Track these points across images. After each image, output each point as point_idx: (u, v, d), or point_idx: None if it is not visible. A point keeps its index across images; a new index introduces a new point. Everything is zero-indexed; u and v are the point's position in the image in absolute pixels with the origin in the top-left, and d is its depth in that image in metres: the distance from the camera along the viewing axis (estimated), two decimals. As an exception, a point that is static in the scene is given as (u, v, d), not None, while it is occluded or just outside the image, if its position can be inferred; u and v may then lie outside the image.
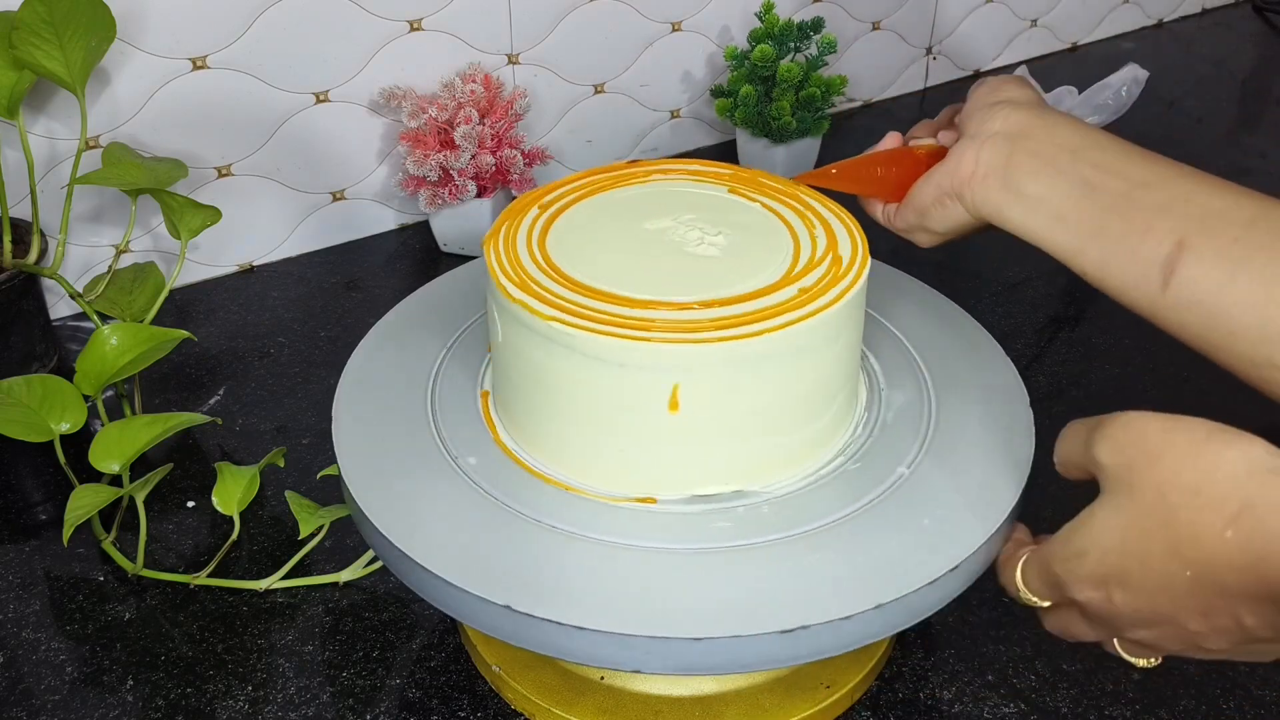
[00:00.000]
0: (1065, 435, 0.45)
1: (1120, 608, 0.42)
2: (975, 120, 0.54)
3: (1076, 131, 0.52)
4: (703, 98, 1.09)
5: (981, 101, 0.55)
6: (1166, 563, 0.39)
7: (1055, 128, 0.52)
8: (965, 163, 0.54)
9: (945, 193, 0.55)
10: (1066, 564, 0.43)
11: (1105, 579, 0.42)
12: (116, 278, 0.77)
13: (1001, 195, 0.53)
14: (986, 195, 0.53)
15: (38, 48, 0.69)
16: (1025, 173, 0.52)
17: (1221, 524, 0.38)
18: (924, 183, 0.56)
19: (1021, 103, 0.54)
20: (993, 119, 0.54)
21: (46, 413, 0.65)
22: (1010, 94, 0.55)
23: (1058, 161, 0.51)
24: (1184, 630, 0.41)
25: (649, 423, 0.48)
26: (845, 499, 0.50)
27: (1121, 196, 0.49)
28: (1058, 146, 0.51)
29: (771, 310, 0.48)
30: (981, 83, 0.57)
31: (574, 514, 0.49)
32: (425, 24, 0.90)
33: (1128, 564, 0.41)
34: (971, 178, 0.53)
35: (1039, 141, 0.52)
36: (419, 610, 0.61)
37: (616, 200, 0.57)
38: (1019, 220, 0.52)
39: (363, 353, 0.59)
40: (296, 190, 0.91)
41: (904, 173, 0.57)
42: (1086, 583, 0.42)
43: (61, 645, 0.59)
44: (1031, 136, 0.52)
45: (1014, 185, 0.52)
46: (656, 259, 0.52)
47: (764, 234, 0.54)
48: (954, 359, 0.58)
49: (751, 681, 0.54)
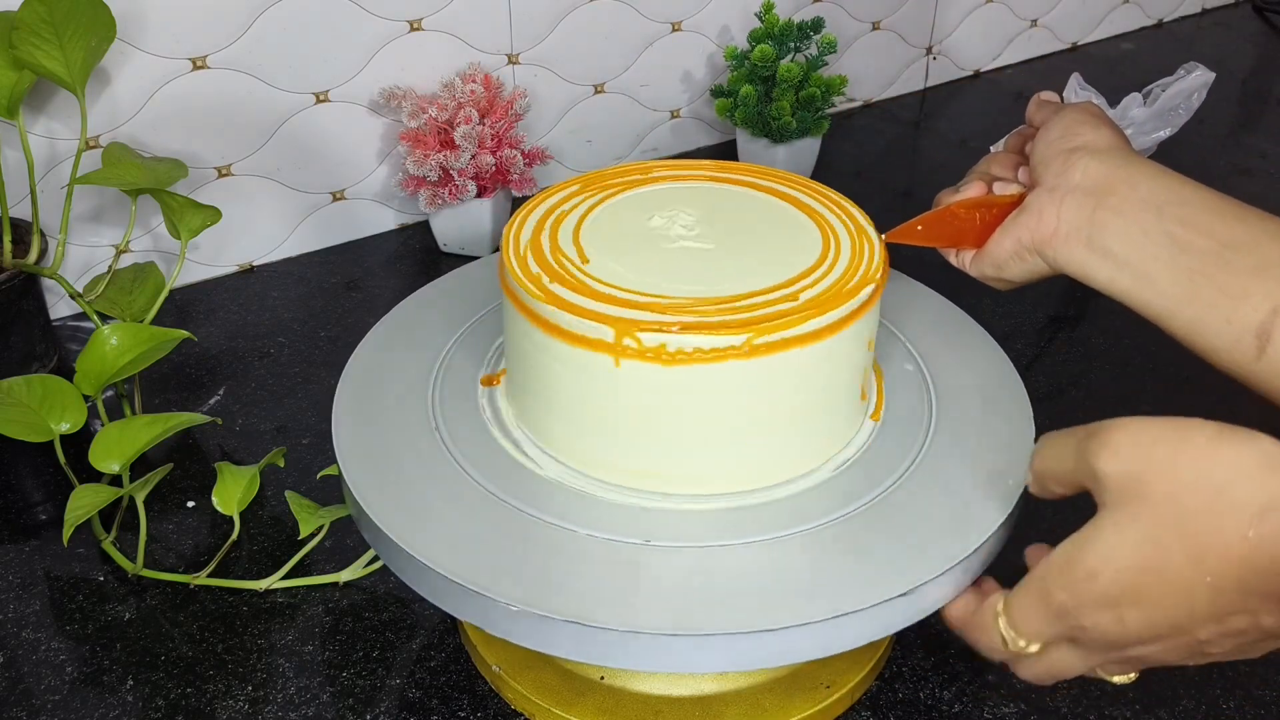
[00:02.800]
0: (1045, 448, 0.43)
1: (1131, 627, 0.40)
2: (1053, 170, 0.52)
3: (1160, 184, 0.50)
4: (703, 98, 1.09)
5: (1057, 147, 0.53)
6: (1186, 573, 0.38)
7: (1138, 182, 0.50)
8: (1046, 220, 0.52)
9: (1025, 247, 0.53)
10: (1074, 589, 0.40)
11: (1118, 599, 0.40)
12: (116, 278, 0.77)
13: (1086, 255, 0.51)
14: (1070, 255, 0.51)
15: (38, 48, 0.69)
16: (1110, 232, 0.50)
17: (1243, 525, 0.37)
18: (1002, 235, 0.54)
19: (1100, 150, 0.52)
20: (1071, 170, 0.51)
21: (46, 413, 0.65)
22: (1087, 138, 0.52)
23: (1143, 220, 0.49)
24: (1192, 640, 0.40)
25: (657, 421, 0.48)
26: (849, 497, 0.50)
27: (1212, 258, 0.47)
28: (1142, 203, 0.49)
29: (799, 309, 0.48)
30: (1056, 118, 0.54)
31: (576, 512, 0.49)
32: (425, 24, 0.90)
33: (1144, 580, 0.39)
34: (1054, 236, 0.51)
35: (1122, 198, 0.50)
36: (419, 610, 0.61)
37: (634, 199, 0.57)
38: (1105, 280, 0.51)
39: (363, 353, 0.59)
40: (296, 190, 0.91)
41: (984, 222, 0.55)
42: (1097, 605, 0.40)
43: (61, 645, 0.59)
44: (1114, 192, 0.50)
45: (1098, 245, 0.50)
46: (681, 256, 0.52)
47: (789, 228, 0.54)
48: (954, 359, 0.58)
49: (751, 681, 0.54)
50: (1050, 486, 0.44)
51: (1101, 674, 0.44)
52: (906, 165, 1.12)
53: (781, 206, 0.56)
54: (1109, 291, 0.51)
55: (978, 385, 0.57)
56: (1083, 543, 0.40)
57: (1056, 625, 0.42)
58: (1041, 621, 0.42)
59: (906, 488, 0.51)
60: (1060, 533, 0.42)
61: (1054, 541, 0.42)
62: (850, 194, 0.58)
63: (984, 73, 1.30)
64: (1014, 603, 0.43)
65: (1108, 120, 0.54)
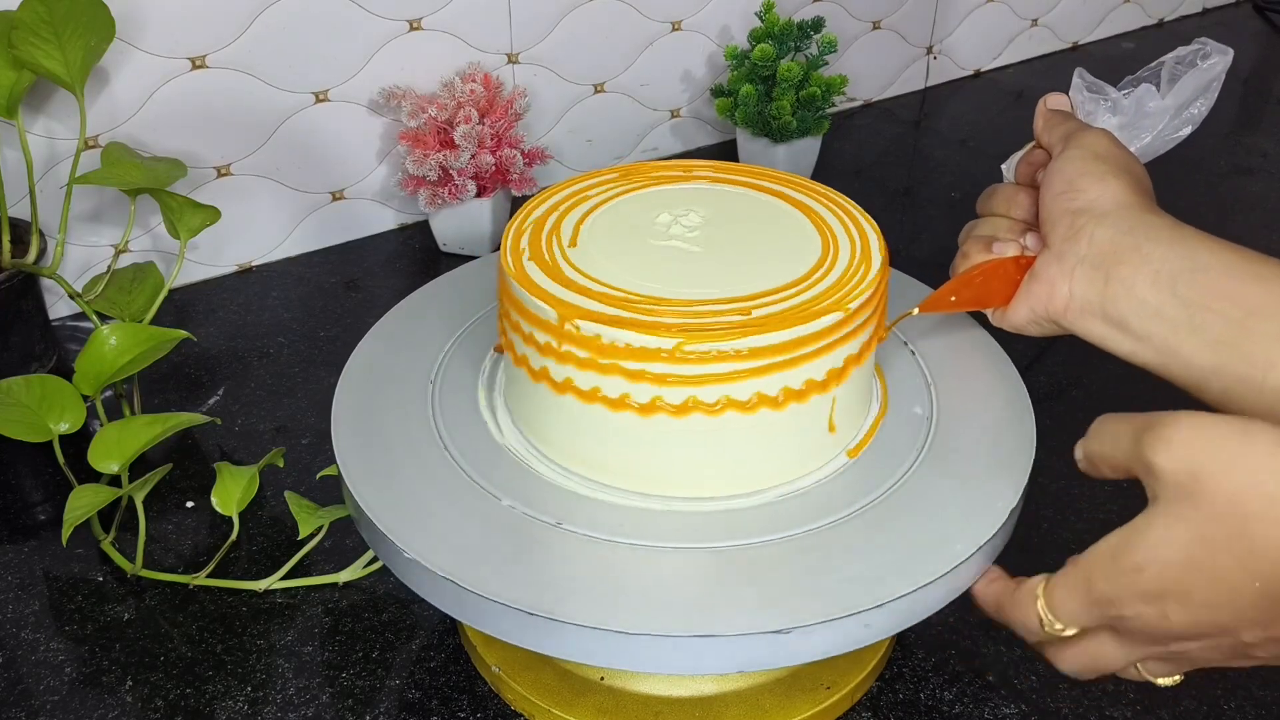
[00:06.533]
0: (1101, 431, 0.42)
1: (1174, 622, 0.39)
2: (1059, 233, 0.50)
3: (1174, 251, 0.47)
4: (703, 97, 1.09)
5: (1062, 206, 0.51)
6: (1235, 575, 0.38)
7: (1148, 251, 0.47)
8: (1059, 292, 0.50)
9: (1040, 317, 0.52)
10: (1118, 580, 0.40)
11: (1163, 594, 0.39)
12: (116, 278, 0.77)
13: (1104, 329, 0.49)
14: (1088, 329, 0.50)
15: (37, 47, 0.69)
16: (1124, 307, 0.48)
17: None
18: (1018, 302, 0.53)
19: (1106, 213, 0.49)
20: (1079, 238, 0.49)
21: (46, 413, 0.65)
22: (1091, 196, 0.50)
23: (1157, 294, 0.47)
24: (1236, 641, 0.39)
25: (656, 423, 0.48)
26: (853, 494, 0.50)
27: (1235, 326, 0.45)
28: (1155, 275, 0.47)
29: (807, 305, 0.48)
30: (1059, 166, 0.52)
31: (576, 513, 0.49)
32: (425, 23, 0.90)
33: (1191, 578, 0.38)
34: (1067, 310, 0.50)
35: (1133, 269, 0.48)
36: (419, 611, 0.61)
37: (631, 202, 0.57)
38: (1128, 353, 0.49)
39: (362, 353, 0.59)
40: (296, 190, 0.91)
41: (1007, 282, 0.54)
42: (1141, 599, 0.40)
43: (60, 646, 0.59)
44: (1124, 261, 0.48)
45: (1114, 319, 0.49)
46: (680, 258, 0.52)
47: (788, 230, 0.54)
48: (954, 359, 0.58)
49: (751, 682, 0.54)
50: (1101, 469, 0.43)
51: (1145, 674, 0.44)
52: (907, 165, 1.12)
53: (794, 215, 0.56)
54: (1134, 363, 0.49)
55: (978, 385, 0.56)
56: (1131, 535, 0.40)
57: (1096, 613, 0.42)
58: (1081, 607, 0.42)
59: (907, 489, 0.50)
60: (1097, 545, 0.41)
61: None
62: (850, 194, 0.58)
63: (984, 72, 1.30)
64: (1055, 586, 0.43)
65: (1115, 161, 0.51)
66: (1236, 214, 1.02)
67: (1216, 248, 0.47)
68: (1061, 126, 0.54)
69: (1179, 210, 0.50)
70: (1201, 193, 1.05)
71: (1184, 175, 1.06)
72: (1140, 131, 0.59)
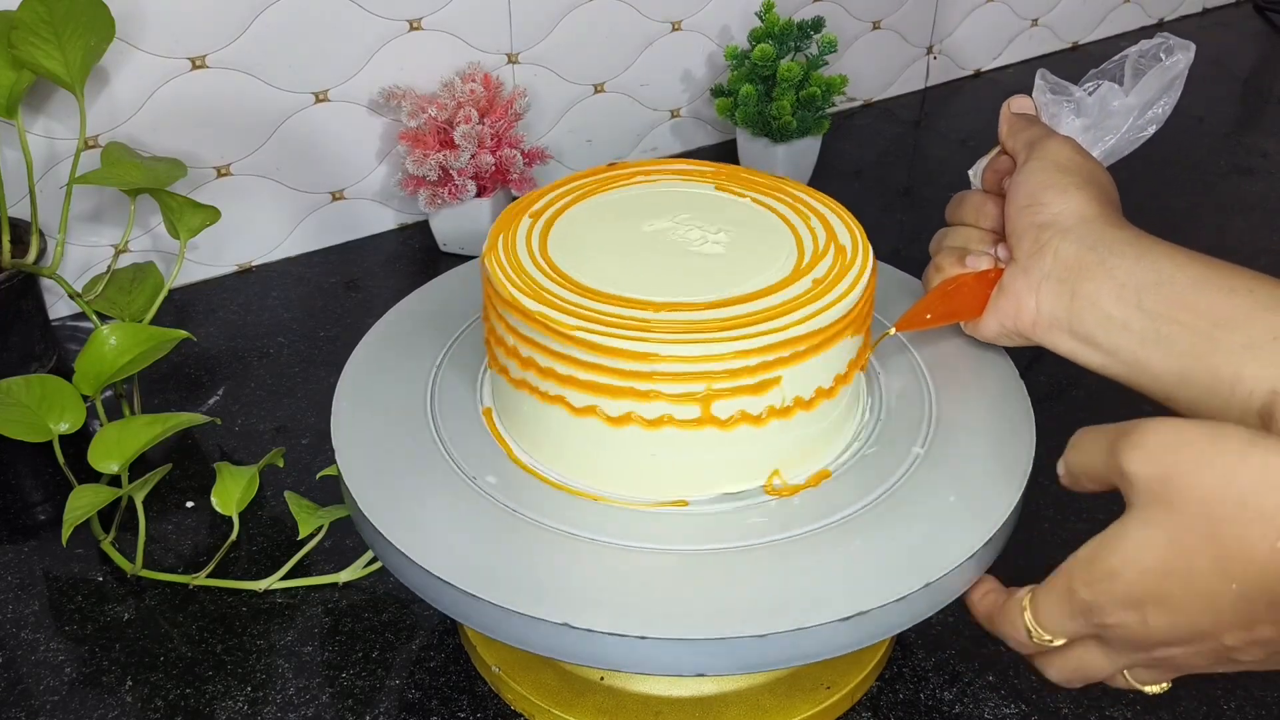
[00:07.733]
0: (1079, 444, 0.42)
1: (1155, 628, 0.39)
2: (1024, 248, 0.51)
3: (1137, 263, 0.47)
4: (703, 97, 1.09)
5: (1026, 220, 0.51)
6: (1211, 579, 0.37)
7: (1113, 265, 0.48)
8: (1025, 307, 0.51)
9: (1010, 331, 0.52)
10: (1096, 586, 0.40)
11: (1142, 600, 0.39)
12: (115, 278, 0.77)
13: (1072, 344, 0.50)
14: (1056, 343, 0.50)
15: (37, 47, 0.69)
16: (1091, 323, 0.48)
17: (1271, 536, 0.36)
18: (988, 317, 0.53)
19: (1069, 228, 0.49)
20: (1043, 254, 0.50)
21: (45, 413, 0.65)
22: (1055, 210, 0.50)
23: (1123, 308, 0.47)
24: (1219, 645, 0.39)
25: (657, 430, 0.48)
26: (853, 495, 0.50)
27: (1201, 338, 0.45)
28: (1120, 288, 0.47)
29: (790, 304, 0.48)
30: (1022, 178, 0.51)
31: (575, 515, 0.49)
32: (425, 23, 0.90)
33: (1168, 583, 0.38)
34: (1035, 325, 0.51)
35: (1098, 284, 0.48)
36: (418, 611, 0.61)
37: (607, 204, 0.57)
38: (1098, 366, 0.49)
39: (362, 353, 0.59)
40: (296, 190, 0.91)
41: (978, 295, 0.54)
42: (1121, 605, 0.40)
43: (60, 646, 0.59)
44: (1089, 276, 0.48)
45: (1081, 334, 0.49)
46: (663, 261, 0.52)
47: (763, 230, 0.54)
48: (953, 359, 0.58)
49: (752, 682, 0.54)
50: (1083, 483, 0.43)
51: (1133, 681, 0.44)
52: (907, 165, 1.12)
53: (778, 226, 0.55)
54: (1104, 375, 0.49)
55: (977, 385, 0.56)
56: (1107, 541, 0.40)
57: (1079, 621, 0.42)
58: (1064, 617, 0.42)
59: (906, 490, 0.50)
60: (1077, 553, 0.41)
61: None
62: (850, 194, 0.58)
63: (985, 72, 1.30)
64: (1039, 597, 0.43)
65: (1079, 172, 0.51)
66: (1236, 214, 1.02)
67: (1182, 260, 0.47)
68: (1026, 132, 0.54)
69: (1179, 210, 0.50)
70: (1201, 193, 1.05)
71: (1184, 175, 1.06)
72: (1104, 133, 0.59)
